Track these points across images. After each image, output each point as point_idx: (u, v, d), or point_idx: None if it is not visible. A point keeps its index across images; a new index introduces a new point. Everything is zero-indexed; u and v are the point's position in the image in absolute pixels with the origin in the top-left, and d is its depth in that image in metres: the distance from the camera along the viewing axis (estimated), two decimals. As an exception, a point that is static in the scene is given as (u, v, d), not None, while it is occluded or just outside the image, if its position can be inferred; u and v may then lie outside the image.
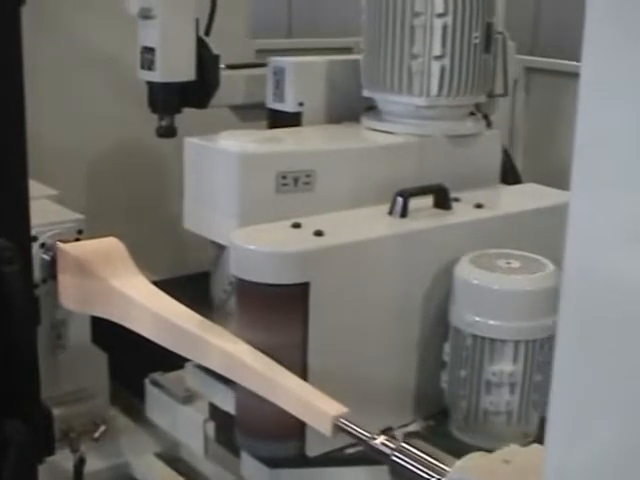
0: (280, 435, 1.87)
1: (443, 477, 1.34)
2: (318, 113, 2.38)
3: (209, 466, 2.33)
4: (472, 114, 2.39)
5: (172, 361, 2.09)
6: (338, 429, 1.53)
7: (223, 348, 1.74)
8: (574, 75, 2.73)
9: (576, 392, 0.82)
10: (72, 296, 1.98)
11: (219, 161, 2.08)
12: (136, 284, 1.92)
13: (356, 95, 2.36)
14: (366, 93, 2.33)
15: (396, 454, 1.43)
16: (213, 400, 2.15)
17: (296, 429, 1.83)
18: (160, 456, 2.48)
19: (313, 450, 1.87)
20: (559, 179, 2.68)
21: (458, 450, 1.94)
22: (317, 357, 1.83)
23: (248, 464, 1.96)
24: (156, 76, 2.33)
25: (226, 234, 1.92)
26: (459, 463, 1.32)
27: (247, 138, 2.12)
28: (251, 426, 1.90)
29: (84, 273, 1.92)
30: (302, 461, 1.88)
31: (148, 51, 2.33)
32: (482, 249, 1.98)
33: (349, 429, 1.52)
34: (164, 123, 2.39)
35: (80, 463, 2.23)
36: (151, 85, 2.37)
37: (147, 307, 1.85)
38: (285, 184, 2.06)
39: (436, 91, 2.22)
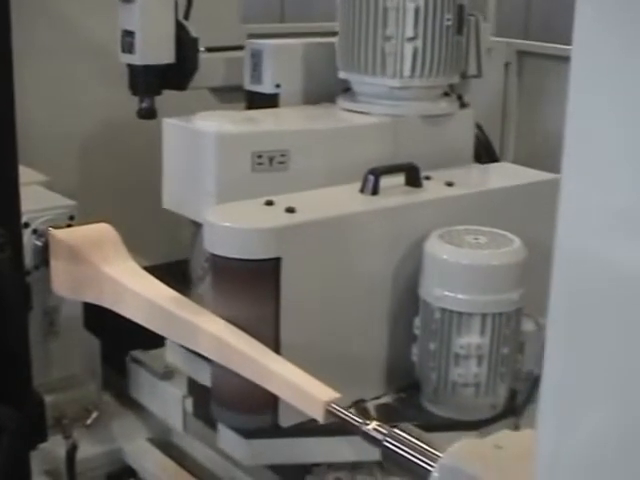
0: (254, 406, 1.92)
1: (435, 462, 1.33)
2: (295, 95, 2.42)
3: (200, 451, 2.37)
4: (446, 95, 2.44)
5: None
6: (330, 414, 1.55)
7: (214, 333, 1.77)
8: (565, 58, 2.78)
9: (567, 377, 0.82)
10: (64, 282, 1.99)
11: (196, 141, 2.12)
12: (128, 270, 1.93)
13: (332, 77, 2.40)
14: (342, 75, 2.38)
15: (388, 440, 1.43)
16: (192, 375, 2.20)
17: (270, 401, 1.87)
18: (152, 441, 2.50)
19: (286, 421, 1.92)
20: (550, 160, 2.74)
21: (429, 422, 2.02)
22: (289, 330, 1.88)
23: (224, 436, 2.02)
24: (136, 59, 2.37)
25: (203, 212, 1.97)
26: (451, 449, 1.32)
27: (224, 119, 2.17)
28: (226, 398, 1.95)
29: (76, 259, 1.93)
30: (276, 432, 1.94)
31: (128, 34, 2.38)
32: (452, 226, 2.03)
33: (341, 414, 1.54)
34: (144, 105, 2.44)
35: (72, 449, 2.25)
36: (131, 68, 2.41)
37: (139, 293, 1.87)
38: (260, 163, 2.11)
39: (409, 72, 2.26)
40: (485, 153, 2.76)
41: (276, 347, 1.85)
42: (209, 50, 2.51)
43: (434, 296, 1.95)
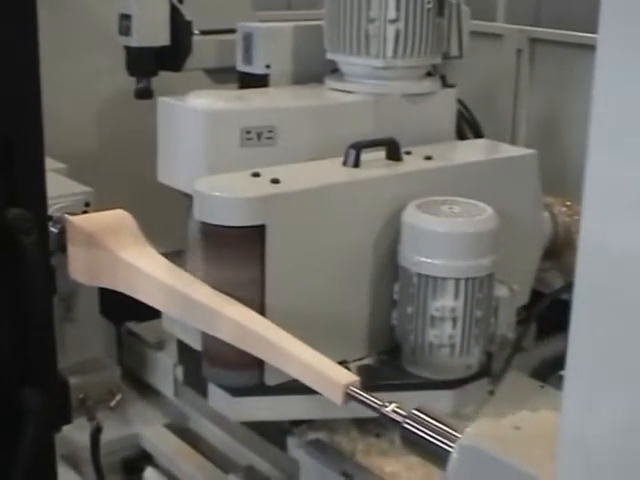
0: (241, 365, 2.03)
1: (454, 443, 1.34)
2: (284, 75, 2.55)
3: (216, 436, 2.46)
4: (429, 75, 2.55)
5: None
6: (349, 397, 1.56)
7: (234, 318, 1.78)
8: (578, 46, 2.87)
9: (591, 362, 0.82)
10: (81, 268, 1.97)
11: (188, 118, 2.25)
12: (145, 255, 1.92)
13: (321, 58, 2.52)
14: (329, 56, 2.49)
15: (407, 421, 1.44)
16: (186, 340, 2.32)
17: (256, 360, 1.99)
18: (168, 427, 2.58)
19: (272, 379, 2.04)
20: (563, 148, 2.82)
21: (407, 381, 2.14)
22: (274, 294, 2.00)
23: (214, 394, 2.14)
24: (133, 41, 2.50)
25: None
26: (469, 429, 1.32)
27: (214, 97, 2.29)
28: (216, 357, 2.07)
29: (92, 245, 1.93)
30: (262, 389, 2.06)
31: (125, 18, 2.51)
32: (430, 197, 2.15)
33: (360, 397, 1.55)
34: (141, 85, 2.57)
35: (97, 431, 2.28)
36: (129, 50, 2.54)
37: (156, 278, 1.86)
38: (249, 138, 2.23)
39: (391, 53, 2.38)
40: (471, 131, 2.88)
41: (261, 309, 1.97)
42: (203, 33, 2.63)
43: (411, 262, 2.07)
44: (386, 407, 1.49)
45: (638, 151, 0.75)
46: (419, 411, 1.44)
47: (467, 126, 2.89)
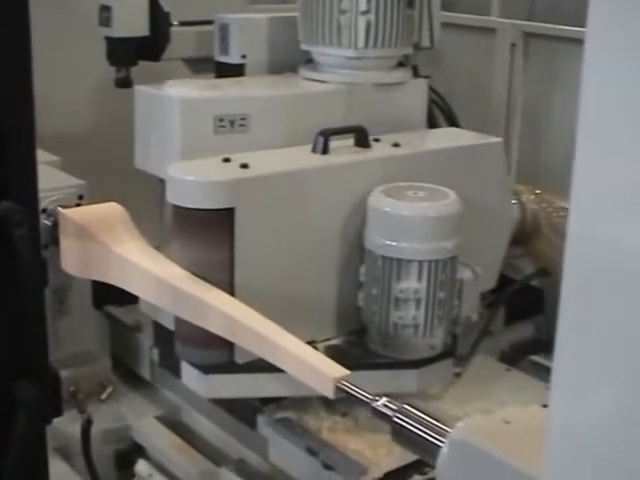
0: (212, 343, 2.09)
1: (444, 437, 1.35)
2: (260, 65, 2.62)
3: (209, 429, 2.49)
4: (402, 65, 2.62)
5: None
6: (340, 391, 1.57)
7: (224, 311, 1.81)
8: (572, 40, 2.90)
9: (579, 353, 0.83)
10: (73, 261, 1.99)
11: (163, 105, 2.32)
12: (137, 248, 1.95)
13: (296, 49, 2.59)
14: (303, 46, 2.56)
15: (398, 415, 1.46)
16: (161, 322, 2.39)
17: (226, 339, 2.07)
18: (160, 419, 2.59)
19: (241, 357, 2.11)
20: (557, 142, 2.86)
21: (373, 361, 2.21)
22: (243, 274, 2.07)
23: (187, 373, 2.21)
24: (113, 32, 2.57)
25: (168, 169, 2.16)
26: (460, 424, 1.34)
27: (189, 86, 2.37)
28: (188, 336, 2.13)
29: (85, 238, 1.95)
30: (232, 367, 2.13)
31: (105, 9, 2.57)
32: (397, 183, 2.22)
33: (351, 391, 1.57)
34: (121, 74, 2.63)
35: (87, 424, 2.31)
36: (109, 40, 2.60)
37: (148, 271, 1.89)
38: (222, 126, 2.30)
39: (363, 43, 2.45)
40: (447, 122, 2.95)
41: (231, 289, 2.04)
42: (182, 24, 2.70)
43: (376, 245, 2.14)
44: (377, 401, 1.51)
45: (625, 143, 0.76)
46: (410, 405, 1.46)
47: (443, 117, 2.96)
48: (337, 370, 1.61)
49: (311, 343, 2.21)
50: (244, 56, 2.59)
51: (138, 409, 2.62)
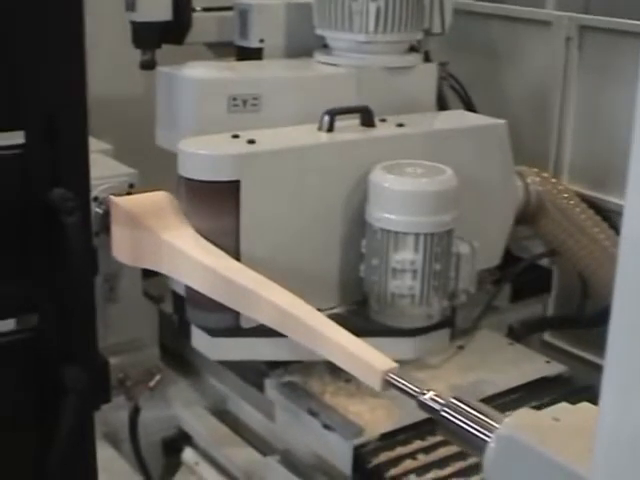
0: (219, 307, 2.21)
1: (492, 433, 1.34)
2: (277, 49, 2.74)
3: (255, 419, 2.57)
4: (413, 50, 2.73)
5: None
6: (387, 384, 1.59)
7: (274, 302, 1.84)
8: (629, 33, 2.93)
9: (631, 354, 0.81)
10: (124, 249, 2.05)
11: (180, 86, 2.46)
12: (187, 237, 2.00)
13: (311, 34, 2.71)
14: (317, 31, 2.69)
15: (445, 409, 1.45)
16: (177, 290, 2.52)
17: (232, 303, 2.18)
18: (207, 409, 2.65)
19: (247, 322, 2.24)
20: (612, 138, 2.89)
21: (373, 329, 2.33)
22: (248, 243, 2.20)
23: (196, 336, 2.35)
24: (137, 16, 2.71)
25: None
26: (508, 420, 1.33)
27: (206, 68, 2.52)
28: (197, 300, 2.26)
29: (136, 226, 2.00)
30: (238, 331, 2.26)
31: (131, -6, 2.72)
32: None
33: (398, 384, 1.58)
34: (146, 57, 2.77)
35: (135, 412, 2.38)
36: (134, 24, 2.75)
37: (198, 260, 1.93)
38: (235, 105, 2.44)
39: (373, 28, 2.56)
40: (464, 104, 3.04)
41: (237, 257, 2.16)
42: (204, 10, 2.83)
43: (376, 218, 2.26)
44: (424, 395, 1.51)
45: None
46: (457, 399, 1.46)
47: (463, 105, 3.05)
48: (385, 363, 1.63)
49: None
50: (262, 40, 2.72)
51: (186, 397, 2.67)
